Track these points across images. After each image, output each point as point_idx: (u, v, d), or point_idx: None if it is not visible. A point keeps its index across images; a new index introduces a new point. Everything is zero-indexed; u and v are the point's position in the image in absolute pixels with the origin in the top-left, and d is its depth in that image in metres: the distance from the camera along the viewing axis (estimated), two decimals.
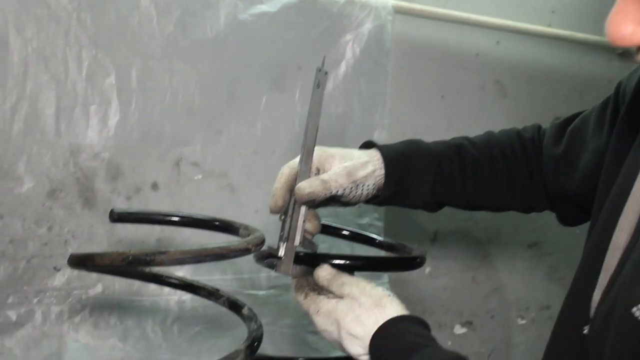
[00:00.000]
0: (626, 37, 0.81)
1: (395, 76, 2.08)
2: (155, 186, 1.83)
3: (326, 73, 1.20)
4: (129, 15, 1.71)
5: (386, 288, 1.16)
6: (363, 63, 2.00)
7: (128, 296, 1.80)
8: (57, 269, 1.73)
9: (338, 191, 1.19)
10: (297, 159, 1.20)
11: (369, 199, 1.31)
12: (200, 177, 1.87)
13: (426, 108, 2.21)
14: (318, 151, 1.21)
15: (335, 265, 1.20)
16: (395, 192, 1.30)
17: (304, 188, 1.15)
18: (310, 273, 1.21)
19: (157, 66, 1.75)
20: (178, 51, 1.76)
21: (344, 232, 1.54)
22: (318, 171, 1.25)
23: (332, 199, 1.23)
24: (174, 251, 0.92)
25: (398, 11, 2.04)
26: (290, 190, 1.19)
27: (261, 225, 1.23)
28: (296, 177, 1.18)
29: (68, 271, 1.72)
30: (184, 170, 1.85)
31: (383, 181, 1.28)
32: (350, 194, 1.22)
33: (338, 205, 1.30)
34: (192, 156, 1.85)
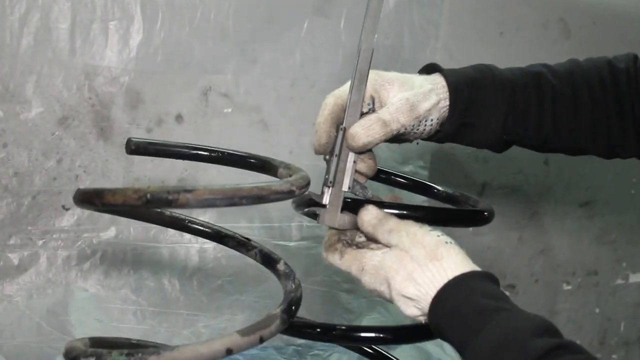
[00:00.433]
0: None
1: (450, 7, 2.05)
2: (179, 118, 1.79)
3: None
4: None
5: (442, 232, 1.02)
6: None
7: (144, 242, 1.79)
8: (66, 208, 1.71)
9: (400, 130, 1.10)
10: (346, 87, 1.08)
11: (430, 136, 1.19)
12: (229, 111, 1.84)
13: (482, 45, 2.14)
14: (373, 75, 1.10)
15: (381, 205, 1.07)
16: (459, 127, 1.18)
17: (360, 136, 1.05)
18: None
19: None
20: None
21: (398, 179, 1.37)
22: (373, 101, 1.12)
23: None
24: (203, 189, 0.80)
25: None
26: (336, 124, 1.08)
27: None
28: (344, 109, 1.07)
29: (78, 211, 1.70)
30: (212, 101, 1.82)
31: (447, 114, 1.17)
32: (410, 133, 1.13)
33: (389, 142, 1.19)
34: (222, 86, 1.82)
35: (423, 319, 0.98)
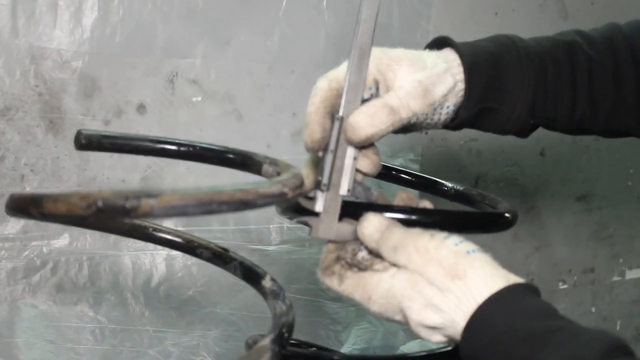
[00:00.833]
0: None
1: None
2: (141, 108, 1.76)
3: None
4: None
5: (461, 238, 0.89)
6: None
7: (102, 250, 1.75)
8: None
9: (411, 120, 0.97)
10: (342, 68, 0.97)
11: (446, 124, 1.09)
12: (199, 99, 1.81)
13: (476, 27, 2.10)
14: (377, 53, 0.97)
15: (385, 210, 0.95)
16: (479, 112, 1.07)
17: (362, 126, 0.93)
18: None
19: None
20: None
21: (400, 175, 1.28)
22: (376, 85, 0.99)
23: None
24: (170, 194, 0.67)
25: None
26: (330, 113, 0.96)
27: None
28: (341, 94, 0.94)
29: None
30: (179, 89, 1.79)
31: (463, 98, 1.07)
32: (422, 123, 1.02)
33: (396, 133, 1.09)
34: (190, 72, 1.79)
35: (452, 344, 0.90)
